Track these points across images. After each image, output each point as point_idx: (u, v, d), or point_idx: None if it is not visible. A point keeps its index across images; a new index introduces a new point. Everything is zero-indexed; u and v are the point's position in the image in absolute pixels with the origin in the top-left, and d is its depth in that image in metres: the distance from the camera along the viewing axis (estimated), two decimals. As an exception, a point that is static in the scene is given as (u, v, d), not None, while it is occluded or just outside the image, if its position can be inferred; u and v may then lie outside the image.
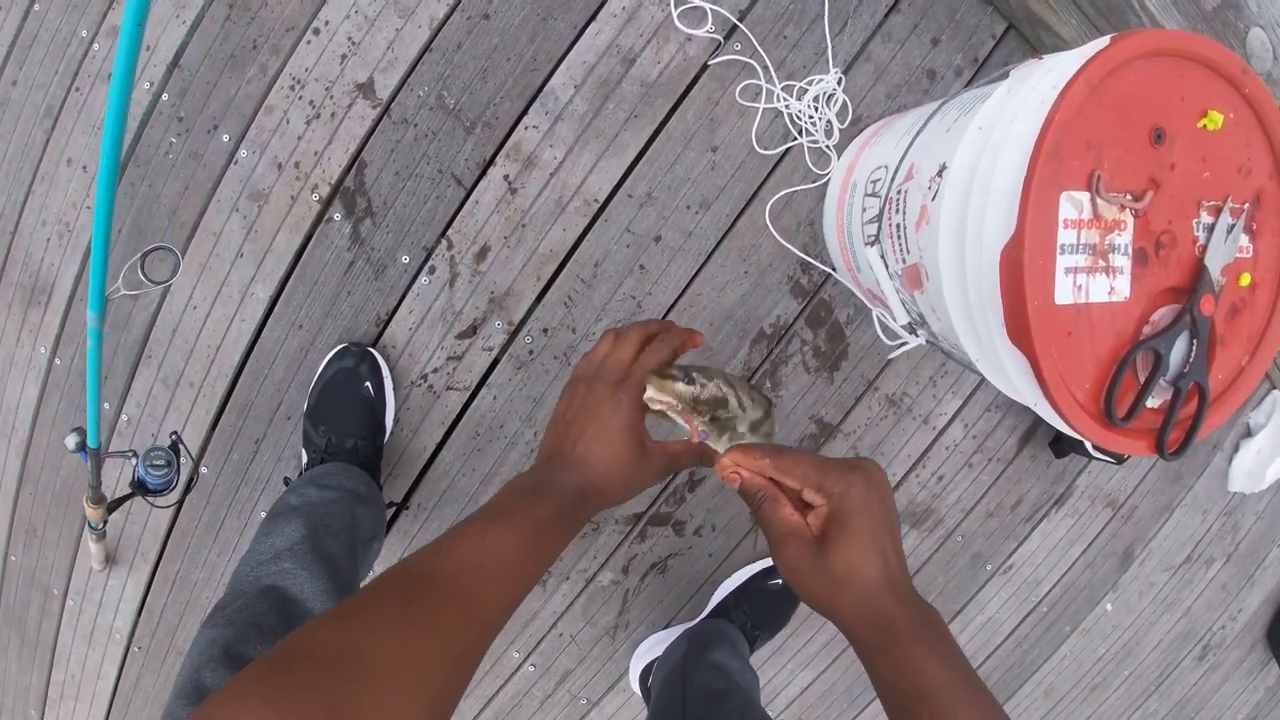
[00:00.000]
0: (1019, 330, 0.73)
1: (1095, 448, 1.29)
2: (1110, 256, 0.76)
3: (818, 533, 0.57)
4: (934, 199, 0.85)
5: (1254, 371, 0.86)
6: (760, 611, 1.30)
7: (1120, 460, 1.33)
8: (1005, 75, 0.83)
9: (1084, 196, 0.74)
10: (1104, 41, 0.74)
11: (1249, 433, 1.47)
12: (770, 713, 1.45)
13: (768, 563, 1.34)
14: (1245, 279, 0.83)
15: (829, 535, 0.56)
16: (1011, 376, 0.79)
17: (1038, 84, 0.76)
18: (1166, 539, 1.50)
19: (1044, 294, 0.72)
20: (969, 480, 1.36)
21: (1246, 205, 0.82)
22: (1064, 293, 0.74)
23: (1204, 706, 1.66)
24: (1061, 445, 1.34)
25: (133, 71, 0.54)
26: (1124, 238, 0.77)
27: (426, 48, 1.16)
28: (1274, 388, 1.47)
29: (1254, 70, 1.16)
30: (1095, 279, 0.76)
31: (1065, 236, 0.73)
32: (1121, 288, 0.77)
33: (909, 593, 0.56)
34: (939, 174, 0.84)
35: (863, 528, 0.56)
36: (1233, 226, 0.81)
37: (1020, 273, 0.70)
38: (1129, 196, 0.76)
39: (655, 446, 0.66)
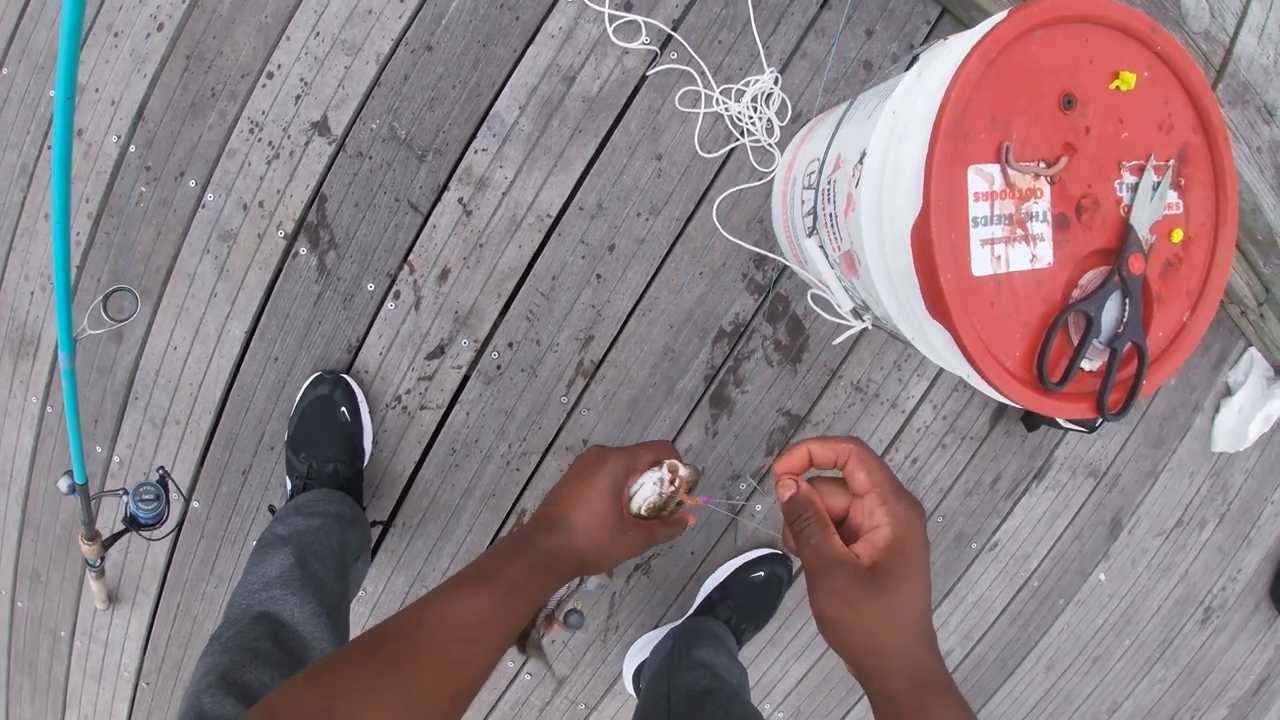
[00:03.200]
0: (936, 305, 0.74)
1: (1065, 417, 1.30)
2: (1029, 224, 0.78)
3: (869, 563, 0.52)
4: (857, 186, 0.87)
5: (1196, 326, 0.86)
6: (745, 605, 1.31)
7: (1091, 428, 1.34)
8: (916, 59, 0.85)
9: (994, 169, 0.76)
10: (1001, 15, 0.76)
11: (1229, 392, 1.47)
12: (768, 705, 1.47)
13: (749, 556, 1.35)
14: (1177, 235, 0.84)
15: (886, 569, 0.51)
16: (940, 351, 0.81)
17: (941, 64, 0.78)
18: (1154, 504, 1.50)
19: (958, 267, 0.74)
20: (944, 460, 1.37)
21: (1172, 161, 0.83)
22: (982, 264, 0.75)
23: (1213, 669, 1.65)
24: (1033, 418, 1.35)
25: (71, 109, 0.57)
26: (1041, 205, 0.78)
27: (375, 82, 1.19)
28: (1250, 345, 1.47)
29: (1191, 28, 1.18)
30: (1014, 248, 0.77)
31: (977, 209, 0.75)
32: (1044, 254, 0.79)
33: (938, 652, 0.52)
34: (860, 161, 0.86)
35: (921, 569, 0.52)
36: (1158, 184, 0.82)
37: (930, 249, 0.72)
38: (1042, 164, 0.77)
39: (633, 522, 0.68)
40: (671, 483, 0.69)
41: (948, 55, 0.78)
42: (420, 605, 0.55)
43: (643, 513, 0.70)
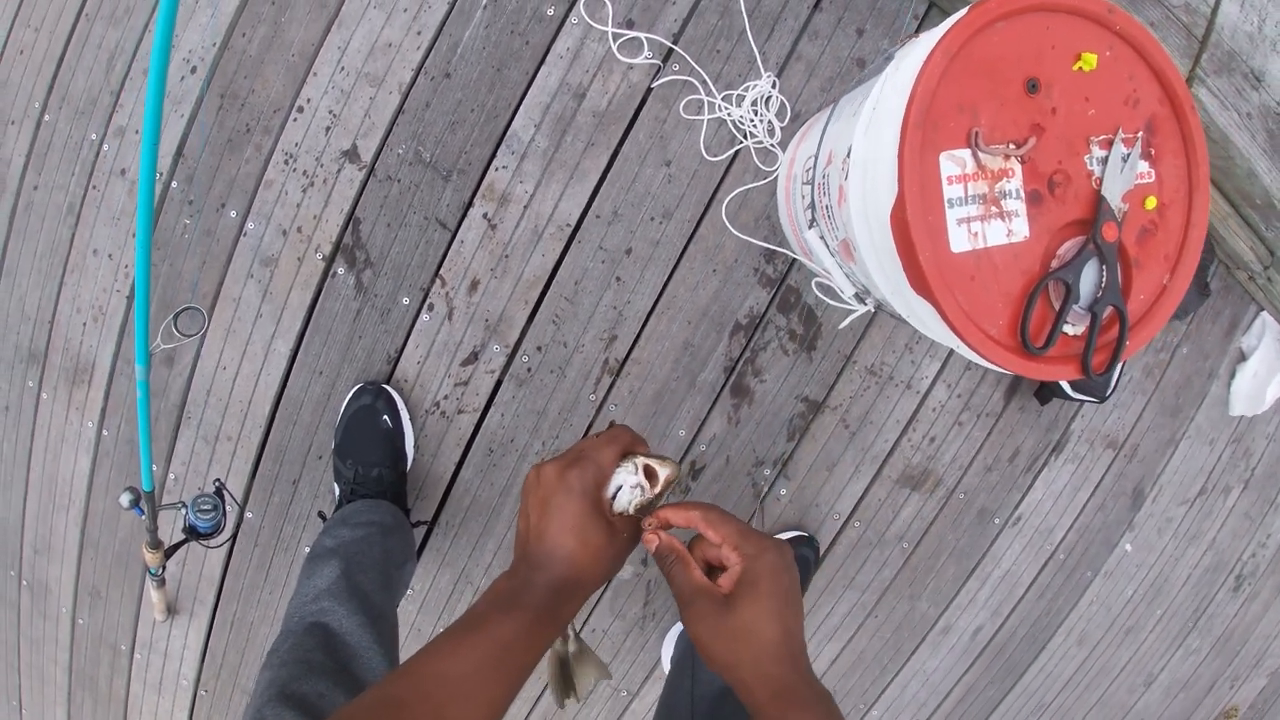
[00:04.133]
0: (919, 281, 0.80)
1: (1073, 387, 1.33)
2: (1003, 202, 0.83)
3: (727, 592, 0.59)
4: (847, 178, 0.93)
5: (1177, 287, 0.91)
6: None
7: (1101, 398, 1.37)
8: (891, 56, 0.91)
9: (965, 153, 0.81)
10: (962, 12, 0.82)
11: (1243, 357, 1.49)
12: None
13: (776, 539, 1.40)
14: (1151, 202, 0.88)
15: (737, 594, 0.58)
16: (931, 326, 0.87)
17: (911, 60, 0.84)
18: (1176, 473, 1.52)
19: (937, 246, 0.79)
20: (961, 438, 1.42)
21: (1140, 133, 0.87)
22: (960, 242, 0.81)
23: (1249, 637, 1.66)
24: (1045, 391, 1.39)
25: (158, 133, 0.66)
26: (1013, 183, 0.83)
27: (399, 110, 1.28)
28: (1261, 309, 1.49)
29: (1171, 2, 1.23)
30: (990, 225, 0.83)
31: (952, 191, 0.81)
32: (1020, 229, 0.84)
33: (809, 672, 0.58)
34: (848, 156, 0.92)
35: (771, 592, 0.58)
36: (1128, 155, 0.86)
37: (908, 232, 0.78)
38: (1011, 146, 0.83)
39: (621, 522, 0.65)
40: (652, 483, 0.66)
41: (917, 52, 0.83)
42: (417, 664, 0.55)
43: (630, 512, 0.66)
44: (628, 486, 0.66)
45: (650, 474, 0.67)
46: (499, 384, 1.37)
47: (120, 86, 1.32)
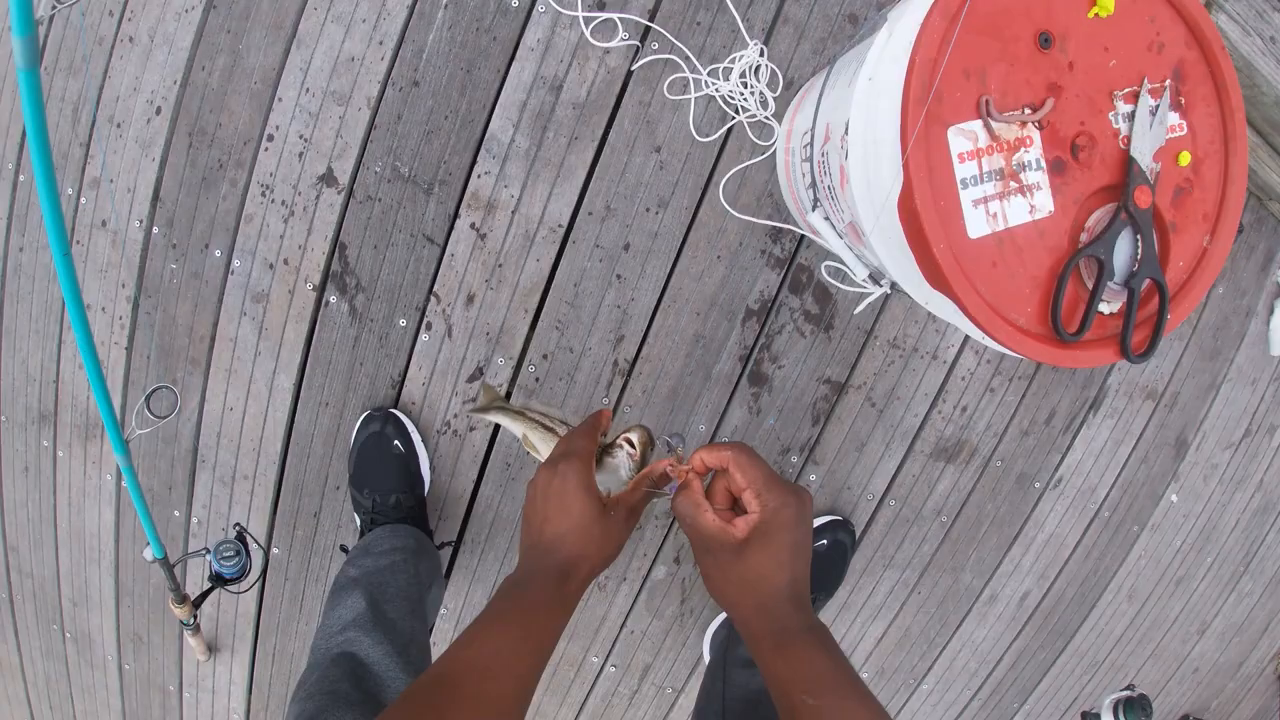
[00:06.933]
0: (934, 275, 0.74)
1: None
2: (1022, 175, 0.76)
3: (743, 536, 0.62)
4: (847, 158, 0.86)
5: (1219, 249, 0.84)
6: (812, 575, 1.32)
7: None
8: (884, 19, 0.84)
9: (975, 125, 0.74)
10: (959, -33, 0.74)
11: (1281, 292, 1.42)
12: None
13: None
14: (1185, 158, 0.81)
15: (751, 542, 0.62)
16: (951, 315, 0.81)
17: (906, 25, 0.76)
18: (1219, 417, 1.45)
19: (952, 234, 0.73)
20: (994, 404, 1.36)
21: (1168, 82, 0.80)
22: (977, 225, 0.74)
23: (1306, 575, 1.61)
24: (1077, 350, 1.32)
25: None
26: (1033, 153, 0.76)
27: (371, 126, 1.22)
28: (1299, 238, 1.40)
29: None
30: (1011, 202, 0.76)
31: (964, 170, 0.74)
32: (1043, 203, 0.77)
33: (809, 610, 0.62)
34: (846, 132, 0.86)
35: (785, 544, 0.61)
36: (1156, 108, 0.79)
37: (918, 221, 0.71)
38: (1027, 110, 0.76)
39: (613, 500, 0.69)
40: (639, 455, 0.73)
41: (912, 14, 0.76)
42: (448, 652, 0.60)
43: (627, 479, 0.72)
44: (624, 470, 0.73)
45: (632, 448, 0.74)
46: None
47: (89, 137, 1.27)
